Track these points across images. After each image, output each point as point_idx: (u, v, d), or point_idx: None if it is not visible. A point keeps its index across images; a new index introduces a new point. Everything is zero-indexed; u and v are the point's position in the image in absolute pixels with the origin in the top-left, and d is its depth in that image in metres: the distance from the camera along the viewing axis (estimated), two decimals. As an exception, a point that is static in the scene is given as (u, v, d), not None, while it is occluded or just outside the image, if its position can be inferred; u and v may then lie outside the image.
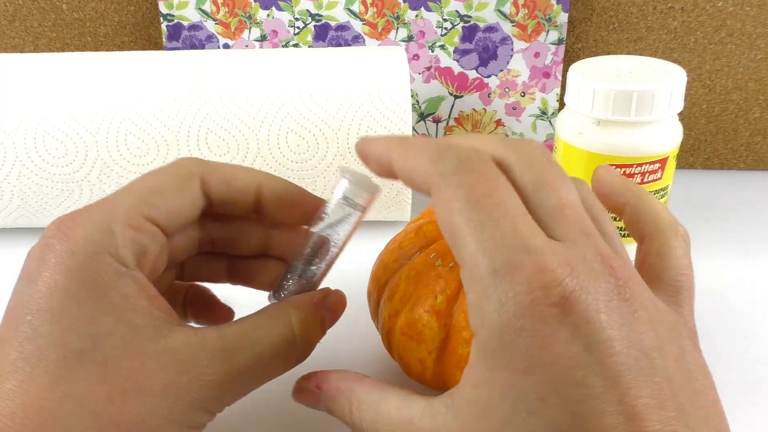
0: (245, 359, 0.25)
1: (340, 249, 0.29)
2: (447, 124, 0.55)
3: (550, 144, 0.55)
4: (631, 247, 0.45)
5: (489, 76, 0.53)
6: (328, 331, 0.31)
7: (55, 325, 0.22)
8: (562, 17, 0.50)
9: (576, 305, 0.20)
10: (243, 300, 0.33)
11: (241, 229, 0.31)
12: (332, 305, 0.29)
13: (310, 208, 0.29)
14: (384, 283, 0.33)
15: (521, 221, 0.21)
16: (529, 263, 0.20)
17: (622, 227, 0.43)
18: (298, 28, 0.53)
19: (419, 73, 0.54)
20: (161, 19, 0.53)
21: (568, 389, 0.19)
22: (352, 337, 0.38)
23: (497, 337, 0.20)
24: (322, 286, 0.30)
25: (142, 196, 0.26)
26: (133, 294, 0.24)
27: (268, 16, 0.52)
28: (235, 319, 0.27)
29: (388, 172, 0.25)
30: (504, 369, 0.20)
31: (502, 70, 0.53)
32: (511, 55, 0.52)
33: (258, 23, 0.53)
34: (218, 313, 0.33)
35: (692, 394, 0.21)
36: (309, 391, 0.27)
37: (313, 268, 0.29)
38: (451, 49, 0.52)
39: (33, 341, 0.22)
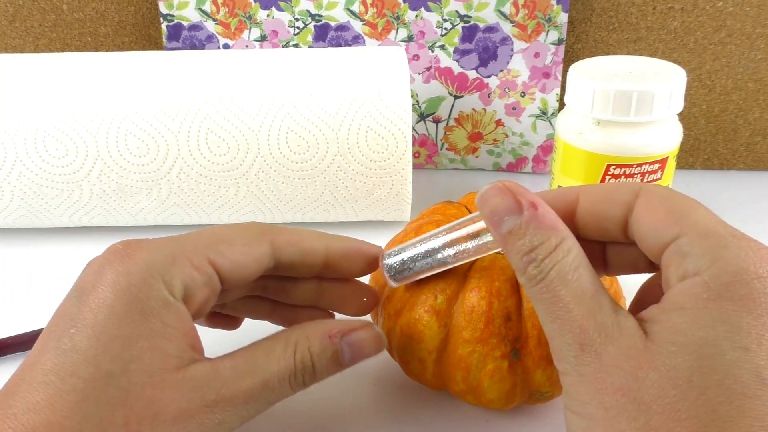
0: (252, 386, 0.25)
1: (465, 258, 0.29)
2: (447, 124, 0.55)
3: (550, 144, 0.55)
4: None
5: (489, 76, 0.53)
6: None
7: (92, 341, 0.23)
8: (562, 17, 0.50)
9: None
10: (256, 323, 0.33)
11: (296, 283, 0.31)
12: (357, 342, 0.28)
13: (370, 258, 0.31)
14: (384, 283, 0.33)
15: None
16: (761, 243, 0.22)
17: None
18: (298, 28, 0.53)
19: (419, 73, 0.54)
20: (161, 19, 0.53)
21: None
22: (352, 337, 0.38)
23: (732, 275, 0.21)
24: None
25: (212, 241, 0.27)
26: (173, 324, 0.25)
27: (268, 16, 0.52)
28: (251, 343, 0.28)
29: (569, 213, 0.26)
30: (729, 301, 0.20)
31: (502, 70, 0.53)
32: (511, 55, 0.52)
33: (258, 23, 0.53)
34: (227, 320, 0.34)
35: None
36: (514, 199, 0.24)
37: (439, 256, 0.29)
38: (451, 49, 0.52)
39: (69, 355, 0.23)
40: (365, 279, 0.36)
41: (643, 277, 0.28)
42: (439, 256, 0.29)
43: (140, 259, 0.25)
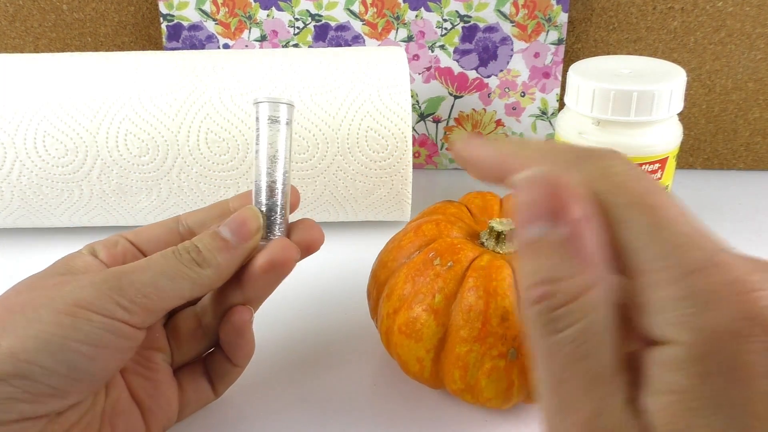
0: (137, 263, 0.28)
1: (287, 161, 0.31)
2: (447, 124, 0.55)
3: (550, 144, 0.55)
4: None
5: (489, 76, 0.53)
6: (328, 328, 0.31)
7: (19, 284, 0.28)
8: (562, 17, 0.50)
9: None
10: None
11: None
12: (232, 219, 0.29)
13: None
14: (383, 281, 0.33)
15: (703, 227, 0.19)
16: (736, 263, 0.18)
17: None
18: (298, 28, 0.53)
19: (419, 73, 0.54)
20: (161, 19, 0.53)
21: None
22: (352, 334, 0.38)
23: (706, 336, 0.17)
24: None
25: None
26: (79, 265, 0.29)
27: (268, 16, 0.53)
28: None
29: (498, 176, 0.22)
30: (722, 376, 0.17)
31: (502, 70, 0.53)
32: (511, 55, 0.52)
33: (258, 23, 0.53)
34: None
35: None
36: (557, 204, 0.18)
37: (278, 198, 0.30)
38: (451, 49, 0.52)
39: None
40: (365, 277, 0.36)
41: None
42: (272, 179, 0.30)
43: None
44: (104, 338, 0.25)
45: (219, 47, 0.54)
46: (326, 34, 0.53)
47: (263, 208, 0.30)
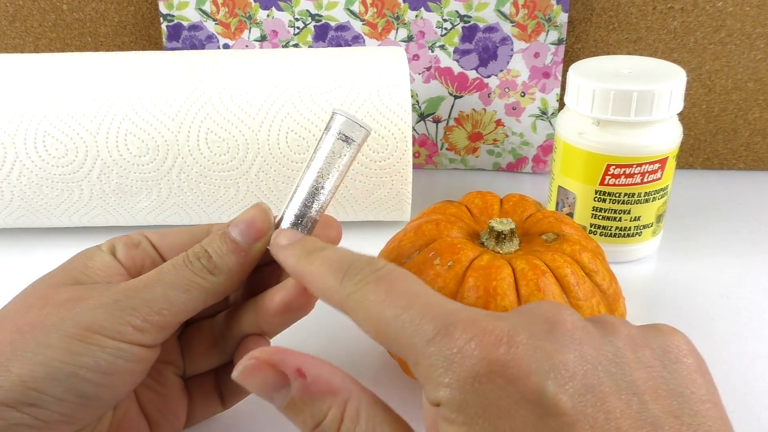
0: (148, 275, 0.27)
1: (335, 186, 0.29)
2: (447, 124, 0.55)
3: (550, 144, 0.55)
4: (626, 247, 0.45)
5: (489, 76, 0.53)
6: (328, 328, 0.30)
7: (31, 292, 0.28)
8: (562, 17, 0.50)
9: (517, 342, 0.20)
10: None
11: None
12: (240, 218, 0.29)
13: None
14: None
15: (431, 296, 0.22)
16: (458, 320, 0.21)
17: (623, 227, 0.43)
18: (298, 28, 0.53)
19: (419, 73, 0.54)
20: (161, 19, 0.53)
21: (548, 421, 0.19)
22: (351, 335, 0.38)
23: (460, 391, 0.20)
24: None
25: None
26: (95, 265, 0.28)
27: (268, 16, 0.53)
28: None
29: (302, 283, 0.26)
30: (481, 417, 0.20)
31: (502, 70, 0.53)
32: (511, 55, 0.52)
33: (258, 23, 0.53)
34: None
35: (674, 400, 0.20)
36: (275, 372, 0.23)
37: (313, 209, 0.29)
38: (451, 49, 0.52)
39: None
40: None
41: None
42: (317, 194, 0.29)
43: None
44: (116, 364, 0.25)
45: (219, 47, 0.54)
46: (326, 34, 0.53)
47: (292, 218, 0.29)
